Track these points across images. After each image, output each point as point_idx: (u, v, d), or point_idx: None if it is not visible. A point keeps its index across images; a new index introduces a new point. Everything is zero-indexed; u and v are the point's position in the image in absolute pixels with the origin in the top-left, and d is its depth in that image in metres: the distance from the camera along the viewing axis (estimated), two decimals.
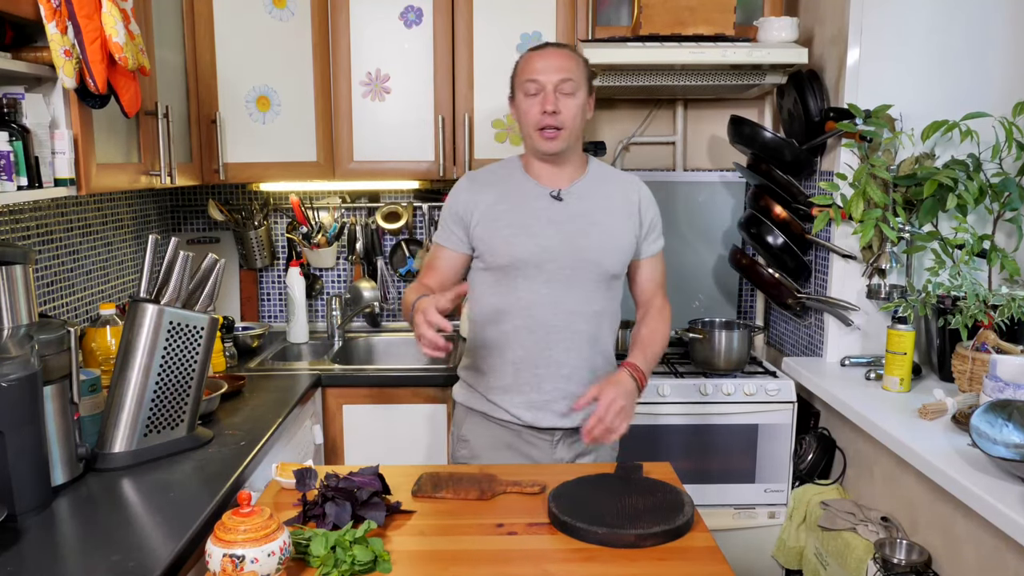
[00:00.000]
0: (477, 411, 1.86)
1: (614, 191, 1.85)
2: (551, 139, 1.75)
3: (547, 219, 1.78)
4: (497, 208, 1.79)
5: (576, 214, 1.79)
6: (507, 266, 1.77)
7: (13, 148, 1.48)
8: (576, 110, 1.76)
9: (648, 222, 1.87)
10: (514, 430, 1.83)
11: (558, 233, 1.77)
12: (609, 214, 1.82)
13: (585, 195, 1.82)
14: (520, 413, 1.81)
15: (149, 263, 1.67)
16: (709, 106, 2.93)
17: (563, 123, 1.74)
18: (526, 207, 1.79)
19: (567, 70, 1.74)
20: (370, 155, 2.56)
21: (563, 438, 1.84)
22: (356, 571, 1.23)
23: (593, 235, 1.79)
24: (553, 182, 1.82)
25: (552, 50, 1.78)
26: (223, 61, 2.45)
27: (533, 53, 1.79)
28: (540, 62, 1.75)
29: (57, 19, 1.51)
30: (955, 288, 2.15)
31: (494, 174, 1.87)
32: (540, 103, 1.73)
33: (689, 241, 2.93)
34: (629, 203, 1.85)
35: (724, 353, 2.48)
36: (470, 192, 1.83)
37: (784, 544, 2.38)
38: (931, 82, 2.29)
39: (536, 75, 1.74)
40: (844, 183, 2.30)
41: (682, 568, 1.26)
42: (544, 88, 1.73)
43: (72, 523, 1.38)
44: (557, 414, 1.81)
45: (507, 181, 1.84)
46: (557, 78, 1.73)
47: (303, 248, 2.89)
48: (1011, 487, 1.54)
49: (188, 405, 1.71)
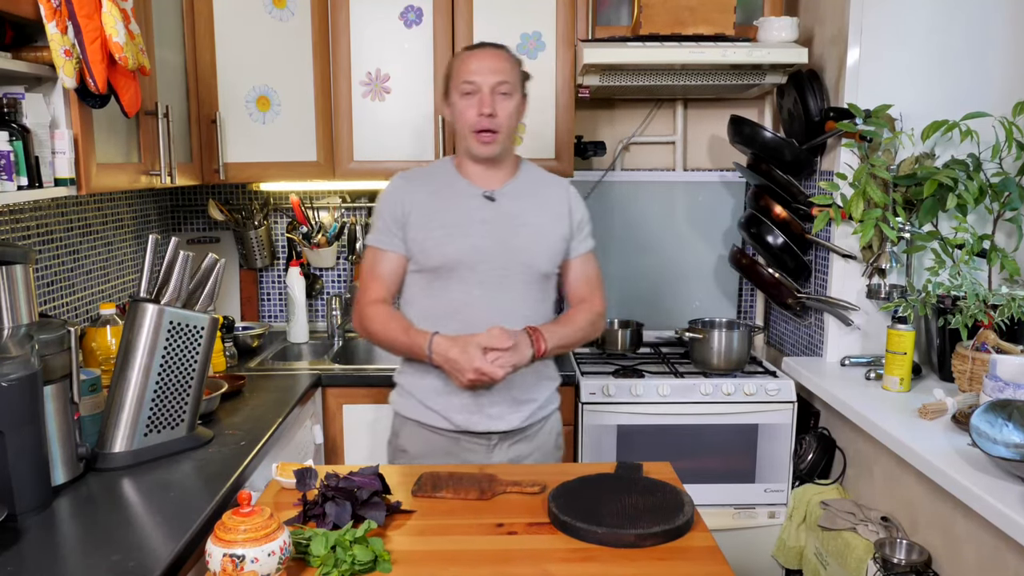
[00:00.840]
0: (412, 420, 1.84)
1: (545, 192, 1.86)
2: (487, 143, 1.74)
3: (480, 219, 1.77)
4: (430, 208, 1.78)
5: (509, 214, 1.79)
6: (440, 267, 1.76)
7: (13, 148, 1.48)
8: (512, 112, 1.75)
9: (577, 222, 1.87)
10: (451, 437, 1.82)
11: (491, 233, 1.77)
12: (540, 215, 1.82)
13: (517, 196, 1.82)
14: (455, 418, 1.79)
15: (149, 263, 1.67)
16: (709, 106, 2.93)
17: (499, 126, 1.73)
18: (459, 207, 1.79)
19: (504, 72, 1.73)
20: (370, 155, 2.56)
21: (499, 442, 1.83)
22: (356, 571, 1.23)
23: (525, 235, 1.79)
24: (486, 183, 1.81)
25: (489, 51, 1.77)
26: (223, 61, 2.45)
27: (469, 53, 1.77)
28: (476, 63, 1.74)
29: (57, 19, 1.51)
30: (955, 288, 2.15)
31: (427, 174, 1.86)
32: (477, 105, 1.72)
33: (689, 241, 2.93)
34: (559, 204, 1.85)
35: (724, 353, 2.48)
36: (405, 192, 1.81)
37: (784, 544, 2.38)
38: (931, 82, 2.29)
39: (473, 76, 1.72)
40: (844, 183, 2.30)
41: (682, 568, 1.26)
42: (481, 90, 1.72)
43: (72, 523, 1.38)
44: (492, 418, 1.79)
45: (440, 181, 1.83)
46: (494, 80, 1.72)
47: (303, 248, 2.89)
48: (1011, 487, 1.54)
49: (188, 405, 1.71)
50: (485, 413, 1.79)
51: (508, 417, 1.80)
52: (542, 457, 1.89)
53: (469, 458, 1.82)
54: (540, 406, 1.86)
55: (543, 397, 1.87)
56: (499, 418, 1.80)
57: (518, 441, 1.84)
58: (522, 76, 1.80)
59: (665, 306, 2.94)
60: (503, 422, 1.80)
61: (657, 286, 2.94)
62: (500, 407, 1.79)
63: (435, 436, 1.83)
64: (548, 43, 2.49)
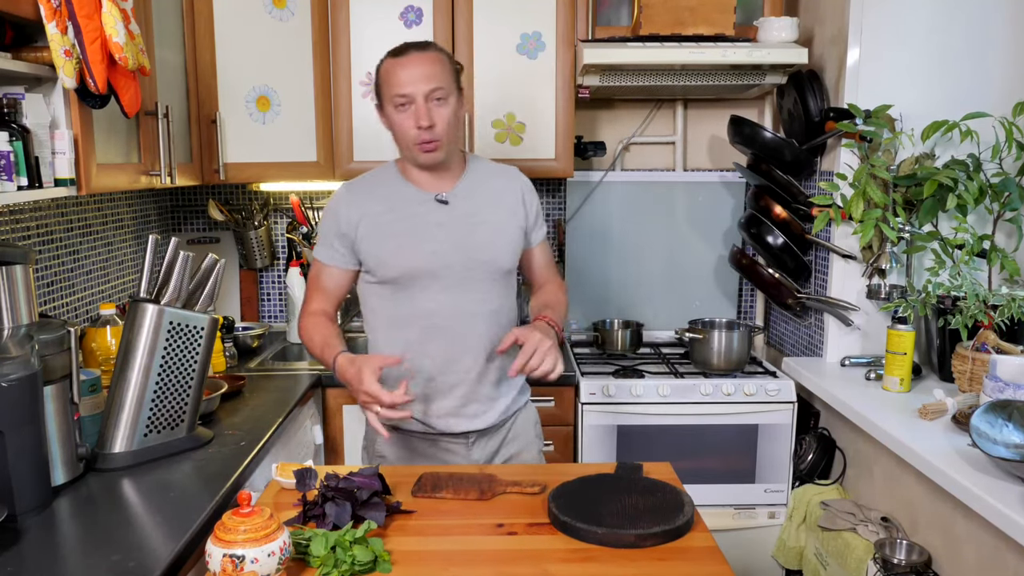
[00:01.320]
0: (390, 426, 1.80)
1: (497, 185, 1.82)
2: (430, 151, 1.69)
3: (435, 224, 1.73)
4: (382, 219, 1.73)
5: (463, 215, 1.75)
6: (400, 277, 1.73)
7: (13, 148, 1.48)
8: (450, 116, 1.68)
9: (534, 211, 1.85)
10: (429, 439, 1.81)
11: (448, 237, 1.73)
12: (496, 210, 1.79)
13: (470, 194, 1.78)
14: (433, 422, 1.78)
15: (149, 263, 1.67)
16: (709, 106, 2.93)
17: (440, 134, 1.66)
18: (412, 215, 1.73)
19: (435, 77, 1.64)
20: (370, 155, 2.55)
21: (477, 439, 1.82)
22: (356, 571, 1.23)
23: (483, 233, 1.76)
24: (435, 186, 1.76)
25: (415, 56, 1.66)
26: (223, 61, 2.45)
27: (396, 61, 1.67)
28: (406, 72, 1.64)
29: (57, 19, 1.51)
30: (955, 288, 2.15)
31: (372, 184, 1.80)
32: (413, 117, 1.64)
33: (689, 241, 2.93)
34: (513, 195, 1.82)
35: (724, 353, 2.48)
36: (350, 205, 1.75)
37: (784, 544, 2.38)
38: (931, 82, 2.29)
39: (403, 88, 1.64)
40: (844, 183, 2.30)
41: (682, 568, 1.26)
42: (415, 100, 1.64)
43: (72, 523, 1.38)
44: (469, 417, 1.79)
45: (387, 189, 1.77)
46: (427, 88, 1.63)
47: (303, 248, 2.89)
48: (1011, 487, 1.54)
49: (188, 405, 1.71)
50: (462, 414, 1.78)
51: (485, 415, 1.80)
52: (523, 446, 1.88)
53: (449, 459, 1.81)
54: (513, 399, 1.86)
55: (516, 389, 1.86)
56: (476, 416, 1.79)
57: (495, 435, 1.84)
58: (455, 72, 1.72)
59: (665, 306, 2.94)
60: (480, 420, 1.80)
61: (657, 286, 2.94)
62: (476, 405, 1.79)
63: (413, 439, 1.82)
64: (548, 43, 2.49)
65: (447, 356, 1.75)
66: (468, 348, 1.76)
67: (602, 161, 2.94)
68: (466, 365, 1.76)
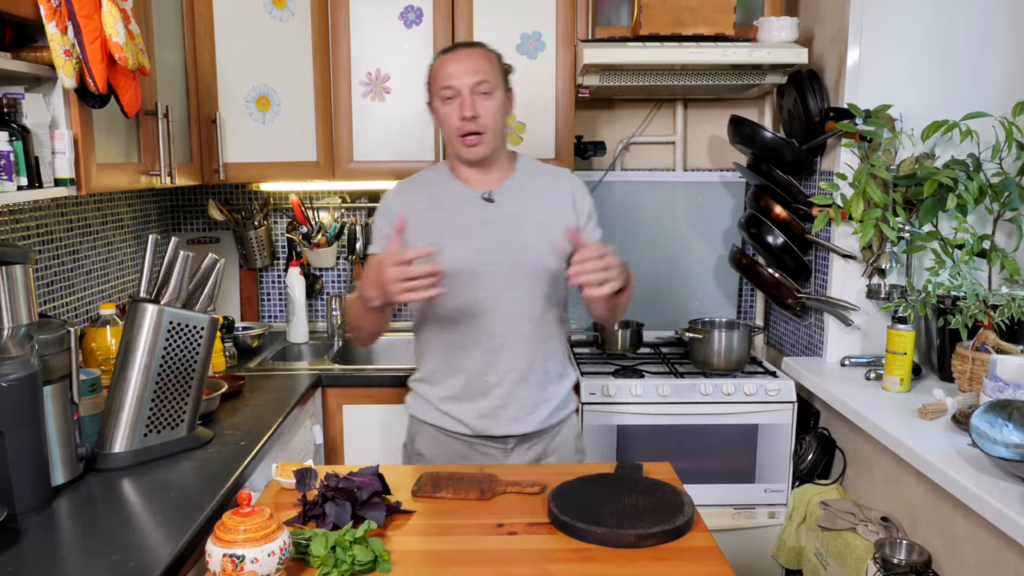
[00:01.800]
0: (429, 424, 1.84)
1: (546, 185, 1.82)
2: (473, 145, 1.72)
3: (481, 222, 1.75)
4: (429, 215, 1.76)
5: (509, 214, 1.76)
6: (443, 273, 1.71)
7: (13, 148, 1.48)
8: (495, 110, 1.71)
9: (585, 213, 1.83)
10: (467, 441, 1.81)
11: (493, 235, 1.74)
12: (543, 209, 1.79)
13: (517, 193, 1.79)
14: (472, 422, 1.78)
15: (149, 263, 1.67)
16: (709, 106, 2.93)
17: (483, 127, 1.70)
18: (458, 212, 1.76)
19: (482, 71, 1.70)
20: (370, 155, 2.56)
21: (517, 445, 1.81)
22: (356, 571, 1.23)
23: (528, 233, 1.76)
24: (483, 184, 1.78)
25: (464, 52, 1.74)
26: (223, 61, 2.45)
27: (445, 57, 1.74)
28: (453, 66, 1.71)
29: (57, 19, 1.51)
30: (955, 288, 2.15)
31: (422, 182, 1.84)
32: (458, 108, 1.69)
33: (689, 241, 2.93)
34: (563, 195, 1.82)
35: (724, 353, 2.48)
36: (401, 202, 1.80)
37: (784, 544, 2.38)
38: (931, 82, 2.29)
39: (450, 80, 1.69)
40: (844, 183, 2.30)
41: (682, 568, 1.26)
42: (460, 92, 1.69)
43: (72, 523, 1.38)
44: (509, 420, 1.78)
45: (436, 187, 1.81)
46: (472, 81, 1.69)
47: (303, 248, 2.89)
48: (1011, 487, 1.54)
49: (188, 405, 1.71)
50: (502, 417, 1.78)
51: (525, 420, 1.79)
52: (560, 460, 1.86)
53: (486, 463, 1.81)
54: (556, 408, 1.84)
55: (559, 397, 1.85)
56: (516, 421, 1.79)
57: (535, 444, 1.83)
58: (503, 70, 1.76)
59: (665, 306, 2.94)
60: (520, 424, 1.79)
61: (657, 286, 2.94)
62: (515, 409, 1.78)
63: (451, 440, 1.82)
64: (548, 43, 2.49)
65: (487, 356, 1.76)
66: (509, 348, 1.76)
67: (602, 161, 2.94)
68: (506, 366, 1.76)
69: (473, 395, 1.78)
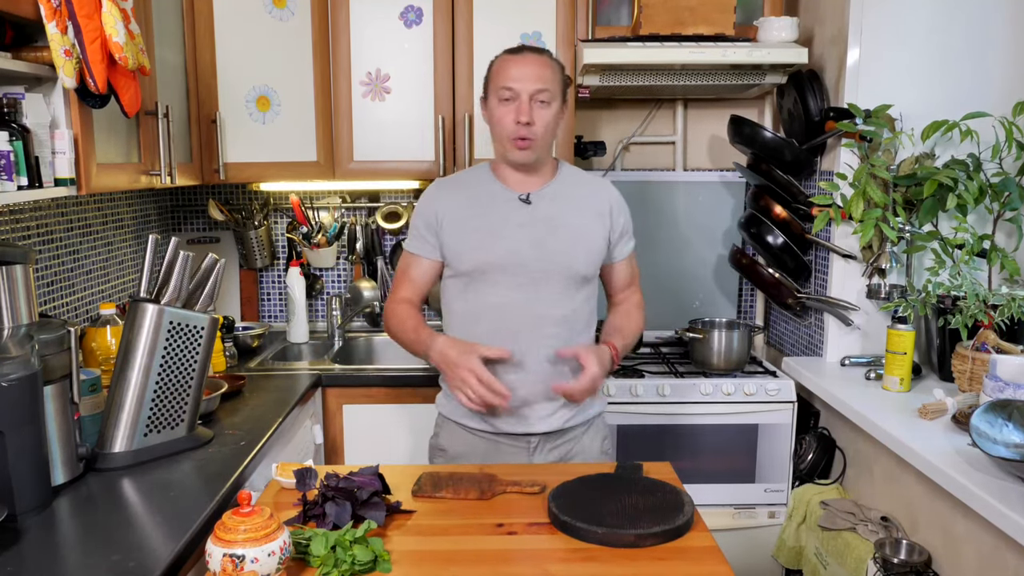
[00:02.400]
0: (454, 421, 1.85)
1: (584, 193, 1.84)
2: (523, 149, 1.73)
3: (515, 223, 1.76)
4: (465, 213, 1.78)
5: (545, 217, 1.78)
6: (473, 271, 1.76)
7: (13, 148, 1.48)
8: (550, 120, 1.73)
9: (620, 225, 1.86)
10: (491, 440, 1.82)
11: (526, 236, 1.75)
12: (579, 216, 1.80)
13: (555, 198, 1.80)
14: (495, 421, 1.79)
15: (149, 263, 1.67)
16: (709, 106, 2.93)
17: (536, 134, 1.71)
18: (494, 211, 1.78)
19: (544, 79, 1.70)
20: (370, 155, 2.56)
21: (540, 444, 1.82)
22: (356, 571, 1.23)
23: (562, 237, 1.77)
24: (523, 187, 1.80)
25: (531, 57, 1.73)
26: (223, 61, 2.45)
27: (511, 58, 1.74)
28: (517, 69, 1.71)
29: (57, 19, 1.51)
30: (955, 288, 2.15)
31: (463, 180, 1.86)
32: (515, 112, 1.70)
33: (689, 241, 2.93)
34: (600, 205, 1.84)
35: (724, 353, 2.48)
36: (439, 199, 1.81)
37: (784, 544, 2.38)
38: (931, 82, 2.29)
39: (512, 82, 1.70)
40: (844, 183, 2.30)
41: (682, 568, 1.26)
42: (519, 97, 1.70)
43: (72, 523, 1.38)
44: (533, 419, 1.79)
45: (476, 186, 1.82)
46: (534, 88, 1.69)
47: (303, 248, 2.89)
48: (1011, 487, 1.54)
49: (188, 405, 1.71)
50: (523, 415, 1.79)
51: (549, 419, 1.80)
52: (585, 460, 1.87)
53: (509, 460, 1.81)
54: (581, 408, 1.84)
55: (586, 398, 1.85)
56: (541, 420, 1.79)
57: (560, 444, 1.83)
58: (564, 82, 1.77)
59: (665, 306, 2.94)
60: (543, 424, 1.80)
61: (657, 286, 2.94)
62: (538, 407, 1.79)
63: (475, 438, 1.83)
64: (548, 43, 2.49)
65: (514, 355, 1.75)
66: (533, 349, 1.76)
67: (602, 161, 2.94)
68: (532, 367, 1.77)
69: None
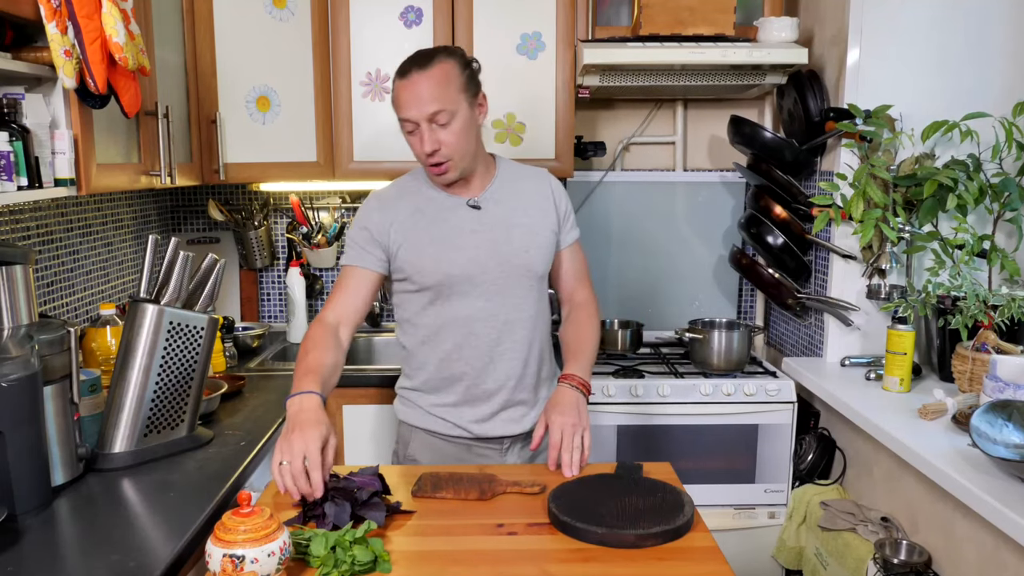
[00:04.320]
0: (421, 428, 1.81)
1: (527, 187, 1.81)
2: (443, 173, 1.67)
3: (469, 230, 1.72)
4: (416, 226, 1.72)
5: (497, 220, 1.74)
6: (439, 284, 1.71)
7: (13, 148, 1.48)
8: (458, 136, 1.63)
9: (563, 212, 1.83)
10: (463, 444, 1.81)
11: (483, 242, 1.72)
12: (527, 213, 1.77)
13: (501, 199, 1.76)
14: (470, 427, 1.78)
15: (149, 263, 1.67)
16: (709, 106, 2.93)
17: (448, 155, 1.64)
18: (445, 221, 1.72)
19: (435, 99, 1.59)
20: (370, 155, 2.56)
21: (512, 444, 1.82)
22: (356, 571, 1.23)
23: (516, 238, 1.74)
24: (466, 192, 1.75)
25: (416, 76, 1.60)
26: (223, 61, 2.45)
27: (399, 83, 1.63)
28: (404, 94, 1.61)
29: (57, 19, 1.51)
30: (955, 288, 2.15)
31: (403, 190, 1.78)
32: (419, 142, 1.63)
33: (689, 241, 2.93)
34: (543, 197, 1.81)
35: (724, 353, 2.48)
36: (382, 212, 1.74)
37: (784, 544, 2.38)
38: (931, 82, 2.29)
39: (405, 112, 1.62)
40: (844, 183, 2.30)
41: (682, 568, 1.26)
42: (418, 125, 1.62)
43: (72, 523, 1.38)
44: (506, 422, 1.79)
45: (418, 196, 1.75)
46: (427, 111, 1.59)
47: (303, 248, 2.89)
48: (1011, 487, 1.54)
49: (188, 405, 1.71)
50: (499, 419, 1.78)
51: (522, 420, 1.80)
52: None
53: (482, 463, 1.81)
54: None
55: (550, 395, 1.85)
56: (513, 421, 1.79)
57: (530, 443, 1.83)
58: (464, 82, 1.64)
59: (665, 306, 2.94)
60: (517, 425, 1.80)
61: (657, 286, 2.94)
62: (513, 410, 1.79)
63: (446, 444, 1.82)
64: (548, 43, 2.49)
65: (485, 363, 1.75)
66: (506, 355, 1.76)
67: (602, 161, 2.94)
68: (504, 372, 1.76)
69: (472, 401, 1.78)
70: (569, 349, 1.80)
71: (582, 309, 1.87)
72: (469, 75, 1.66)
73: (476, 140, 1.71)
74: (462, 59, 1.66)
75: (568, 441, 1.60)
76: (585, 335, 1.81)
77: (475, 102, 1.68)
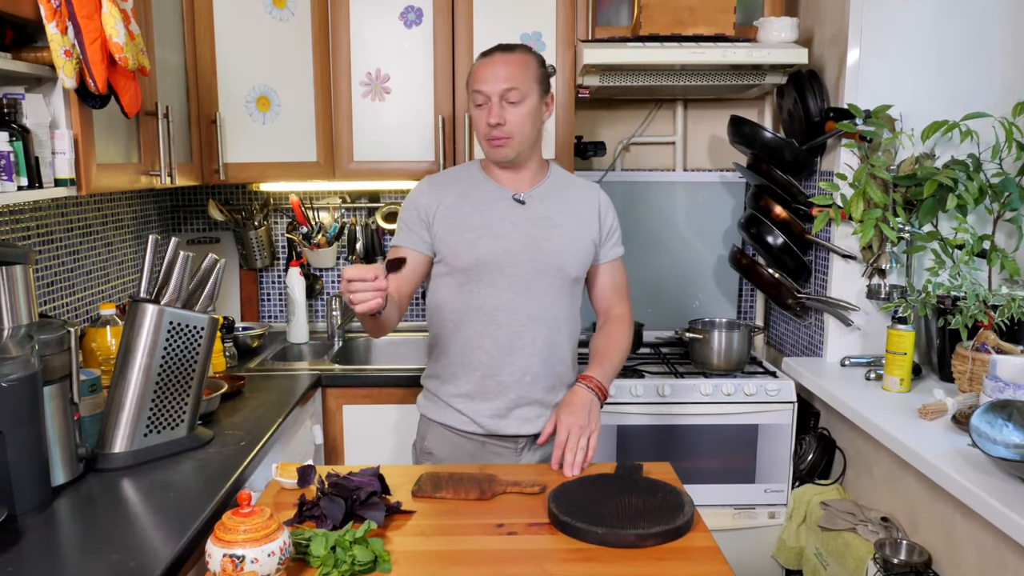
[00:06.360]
0: (439, 423, 1.84)
1: (575, 195, 1.85)
2: (499, 146, 1.73)
3: (510, 221, 1.77)
4: (460, 210, 1.77)
5: (538, 217, 1.78)
6: (469, 268, 1.75)
7: (13, 148, 1.48)
8: (523, 118, 1.72)
9: (608, 227, 1.86)
10: (478, 441, 1.82)
11: (521, 236, 1.76)
12: (570, 217, 1.81)
13: (546, 198, 1.81)
14: (484, 421, 1.79)
15: (149, 263, 1.67)
16: (709, 106, 2.93)
17: (510, 132, 1.71)
18: (489, 209, 1.78)
19: (512, 79, 1.70)
20: (370, 155, 2.56)
21: (528, 444, 1.83)
22: (356, 571, 1.23)
23: (554, 238, 1.78)
24: (514, 185, 1.80)
25: (498, 56, 1.73)
26: (223, 61, 2.45)
27: (480, 61, 1.75)
28: (484, 71, 1.72)
29: (57, 19, 1.51)
30: (955, 288, 2.15)
31: (455, 176, 1.85)
32: (486, 114, 1.71)
33: (689, 241, 2.93)
34: (589, 207, 1.84)
35: (724, 353, 2.48)
36: (431, 195, 1.80)
37: (784, 544, 2.38)
38: (931, 82, 2.29)
39: (480, 85, 1.71)
40: (844, 183, 2.30)
41: (682, 568, 1.26)
42: (489, 99, 1.71)
43: (72, 523, 1.38)
44: (521, 421, 1.80)
45: (468, 183, 1.82)
46: (502, 88, 1.69)
47: (303, 248, 2.89)
48: (1011, 487, 1.54)
49: (188, 405, 1.71)
50: (514, 417, 1.79)
51: (536, 420, 1.80)
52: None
53: (496, 462, 1.81)
54: None
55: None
56: (527, 421, 1.80)
57: (547, 445, 1.82)
58: (540, 75, 1.76)
59: (665, 306, 2.94)
60: (531, 425, 1.80)
61: (657, 286, 2.94)
62: (527, 409, 1.79)
63: (462, 440, 1.82)
64: (548, 43, 2.49)
65: (502, 355, 1.77)
66: (524, 350, 1.77)
67: (602, 161, 2.94)
68: (520, 367, 1.77)
69: (486, 394, 1.79)
70: (595, 354, 1.83)
71: (616, 323, 1.88)
72: (544, 72, 1.78)
73: (537, 132, 1.78)
74: (541, 59, 1.79)
75: (573, 442, 1.63)
76: (615, 344, 1.84)
77: (544, 98, 1.78)
